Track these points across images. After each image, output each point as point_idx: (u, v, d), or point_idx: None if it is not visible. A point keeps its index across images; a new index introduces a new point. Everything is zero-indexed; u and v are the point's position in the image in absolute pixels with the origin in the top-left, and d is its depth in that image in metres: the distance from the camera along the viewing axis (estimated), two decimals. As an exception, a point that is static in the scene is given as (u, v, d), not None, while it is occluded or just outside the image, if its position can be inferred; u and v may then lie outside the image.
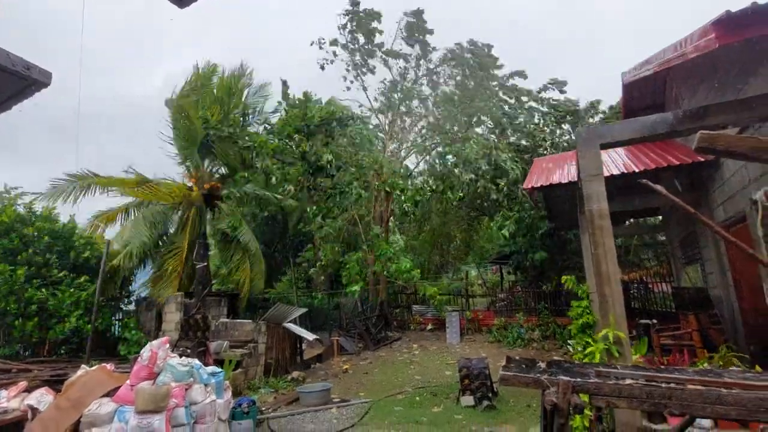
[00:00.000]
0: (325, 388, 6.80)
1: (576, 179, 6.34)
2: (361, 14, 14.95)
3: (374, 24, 15.10)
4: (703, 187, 7.11)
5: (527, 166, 13.55)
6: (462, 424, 5.41)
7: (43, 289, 8.16)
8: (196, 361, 4.99)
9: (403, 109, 15.74)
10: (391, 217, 13.80)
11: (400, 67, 15.92)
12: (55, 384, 5.20)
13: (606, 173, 5.19)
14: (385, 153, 13.47)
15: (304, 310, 10.46)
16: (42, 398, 4.73)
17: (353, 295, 10.42)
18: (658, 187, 2.41)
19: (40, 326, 8.08)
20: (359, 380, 8.29)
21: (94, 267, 9.05)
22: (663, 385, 1.85)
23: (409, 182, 13.42)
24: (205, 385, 4.82)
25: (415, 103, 15.80)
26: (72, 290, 8.46)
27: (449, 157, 13.19)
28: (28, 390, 4.90)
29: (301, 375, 8.40)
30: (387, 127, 15.76)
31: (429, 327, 14.42)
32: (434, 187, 12.82)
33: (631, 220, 13.62)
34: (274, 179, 11.07)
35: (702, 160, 6.44)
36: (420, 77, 15.88)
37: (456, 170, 12.96)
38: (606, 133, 4.59)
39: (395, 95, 15.41)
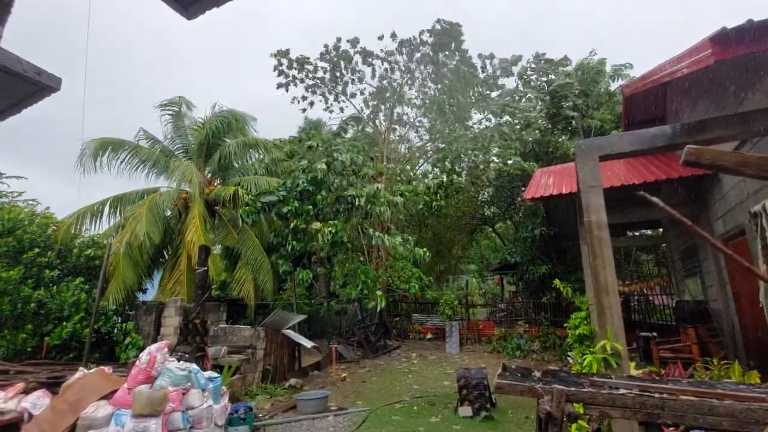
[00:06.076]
0: (323, 396, 6.76)
1: (576, 190, 6.38)
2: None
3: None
4: (702, 201, 7.13)
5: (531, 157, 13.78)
6: (459, 434, 5.37)
7: (42, 290, 8.06)
8: (194, 366, 4.99)
9: (397, 111, 15.92)
10: (392, 225, 13.76)
11: (385, 69, 16.16)
12: (53, 386, 5.20)
13: (605, 185, 5.22)
14: (383, 160, 13.47)
15: (303, 316, 10.42)
16: (39, 400, 4.74)
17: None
18: (655, 199, 2.44)
19: (34, 333, 7.78)
20: (357, 388, 8.24)
21: (96, 267, 9.05)
22: (656, 395, 1.86)
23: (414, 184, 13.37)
24: (203, 390, 4.83)
25: (406, 107, 16.06)
26: (72, 291, 8.30)
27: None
28: (25, 392, 4.91)
29: (298, 382, 8.35)
30: (383, 135, 15.82)
31: (428, 336, 14.35)
32: (434, 190, 12.83)
33: (635, 233, 13.62)
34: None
35: (701, 174, 6.48)
36: (405, 76, 16.01)
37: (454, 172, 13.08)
38: (605, 145, 4.64)
39: (384, 101, 15.61)
